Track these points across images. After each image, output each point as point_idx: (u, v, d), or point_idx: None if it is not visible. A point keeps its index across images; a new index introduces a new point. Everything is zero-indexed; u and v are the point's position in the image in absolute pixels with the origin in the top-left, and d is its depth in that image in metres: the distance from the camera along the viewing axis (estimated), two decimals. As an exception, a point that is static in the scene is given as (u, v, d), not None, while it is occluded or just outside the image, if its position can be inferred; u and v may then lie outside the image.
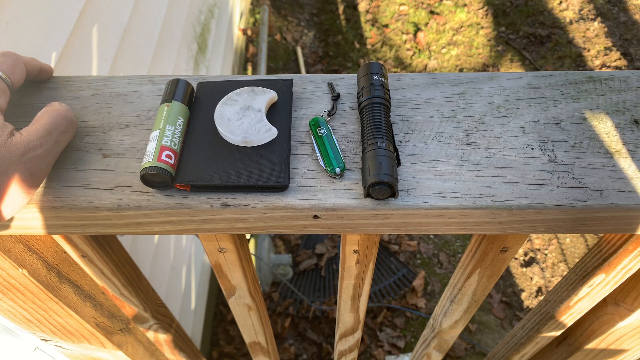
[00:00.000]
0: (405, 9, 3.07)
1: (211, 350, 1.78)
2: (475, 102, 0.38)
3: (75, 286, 0.51)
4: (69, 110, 0.36)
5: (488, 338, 1.78)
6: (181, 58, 1.52)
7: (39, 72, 0.40)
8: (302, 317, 1.85)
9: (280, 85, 0.39)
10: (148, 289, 0.59)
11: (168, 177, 0.34)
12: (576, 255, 1.99)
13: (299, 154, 0.36)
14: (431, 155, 0.36)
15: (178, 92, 0.37)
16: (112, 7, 0.99)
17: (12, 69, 0.36)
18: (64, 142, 0.35)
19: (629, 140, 0.35)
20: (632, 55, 2.60)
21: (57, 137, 0.34)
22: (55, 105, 0.35)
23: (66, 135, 0.35)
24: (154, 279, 1.18)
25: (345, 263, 0.48)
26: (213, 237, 0.44)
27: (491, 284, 0.51)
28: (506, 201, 0.33)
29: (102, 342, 0.59)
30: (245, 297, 0.56)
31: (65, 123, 0.35)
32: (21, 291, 0.47)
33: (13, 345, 0.62)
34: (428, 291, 1.91)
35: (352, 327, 0.62)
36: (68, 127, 0.35)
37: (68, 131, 0.35)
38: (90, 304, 0.53)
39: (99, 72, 0.91)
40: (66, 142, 0.36)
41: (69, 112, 0.36)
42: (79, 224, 0.36)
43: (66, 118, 0.35)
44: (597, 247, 0.46)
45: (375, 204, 0.34)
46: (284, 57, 2.87)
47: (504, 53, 2.73)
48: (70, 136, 0.36)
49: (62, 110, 0.35)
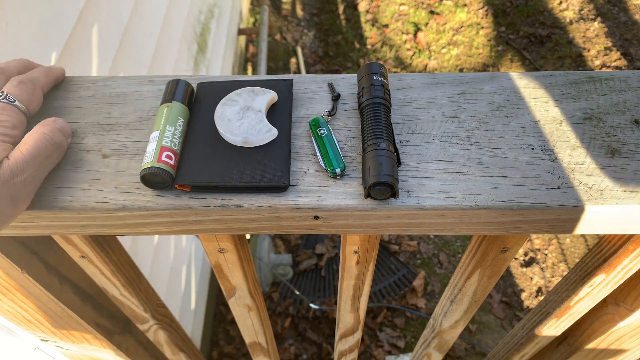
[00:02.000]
0: (405, 9, 3.07)
1: (211, 350, 1.78)
2: (476, 102, 0.38)
3: (75, 287, 0.51)
4: (58, 131, 0.35)
5: (488, 338, 1.78)
6: (181, 58, 1.52)
7: (54, 83, 0.40)
8: (302, 317, 1.85)
9: (280, 85, 0.39)
10: (148, 289, 0.59)
11: (168, 177, 0.34)
12: (576, 255, 1.99)
13: (299, 154, 0.36)
14: (431, 155, 0.36)
15: (178, 92, 0.37)
16: (112, 7, 0.99)
17: (30, 98, 0.35)
18: (50, 166, 0.34)
19: (629, 140, 0.35)
20: (632, 55, 2.60)
21: (40, 162, 0.33)
22: (45, 127, 0.34)
23: (51, 160, 0.34)
24: (154, 279, 1.18)
25: (346, 263, 0.48)
26: (213, 238, 0.44)
27: (491, 284, 0.51)
28: (507, 201, 0.33)
29: (102, 343, 0.59)
30: (245, 297, 0.56)
31: (51, 148, 0.34)
32: (21, 292, 0.47)
33: (13, 345, 0.62)
34: (428, 291, 1.91)
35: (352, 327, 0.62)
36: (53, 152, 0.34)
37: (53, 156, 0.34)
38: (90, 304, 0.53)
39: (99, 72, 0.91)
40: (51, 166, 0.35)
41: (57, 135, 0.34)
42: (79, 224, 0.36)
43: (52, 142, 0.34)
44: (597, 247, 0.46)
45: (375, 204, 0.34)
46: (284, 57, 2.87)
47: (504, 53, 2.73)
48: (55, 161, 0.35)
49: (49, 134, 0.34)
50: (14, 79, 0.36)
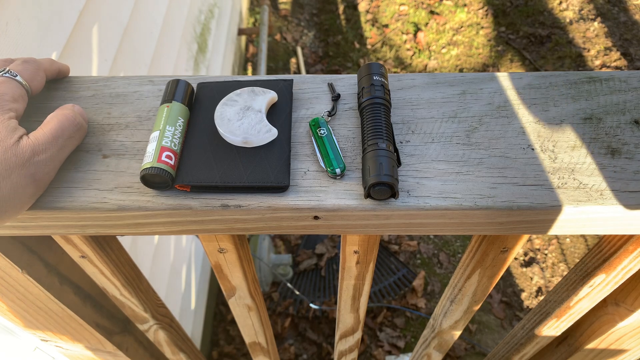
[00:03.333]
0: (405, 9, 3.07)
1: (211, 350, 1.78)
2: (476, 102, 0.38)
3: (75, 287, 0.51)
4: (78, 114, 0.36)
5: (488, 338, 1.78)
6: (181, 58, 1.52)
7: (57, 74, 0.40)
8: (302, 317, 1.85)
9: (280, 85, 0.39)
10: (148, 290, 0.59)
11: (168, 177, 0.34)
12: (576, 255, 1.99)
13: (299, 154, 0.36)
14: (431, 155, 0.36)
15: (178, 92, 0.37)
16: (112, 7, 0.98)
17: (32, 76, 0.36)
18: (70, 147, 0.35)
19: (629, 140, 0.35)
20: (632, 55, 2.60)
21: (62, 143, 0.34)
22: (66, 109, 0.35)
23: (73, 141, 0.35)
24: (154, 279, 1.18)
25: (346, 263, 0.48)
26: (213, 238, 0.44)
27: (491, 284, 0.51)
28: (507, 202, 0.33)
29: (102, 343, 0.58)
30: (245, 297, 0.56)
31: (73, 128, 0.35)
32: (21, 292, 0.47)
33: (13, 345, 0.62)
34: (428, 291, 1.91)
35: (352, 327, 0.62)
36: (75, 133, 0.35)
37: (75, 137, 0.35)
38: (90, 304, 0.53)
39: (99, 72, 0.91)
40: (73, 147, 0.36)
41: (78, 117, 0.36)
42: (79, 224, 0.36)
43: (74, 123, 0.35)
44: (597, 247, 0.46)
45: (375, 204, 0.34)
46: (284, 57, 2.87)
47: (504, 53, 2.73)
48: (77, 142, 0.36)
49: (71, 115, 0.35)
50: (19, 59, 0.37)
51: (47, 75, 0.39)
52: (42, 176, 0.33)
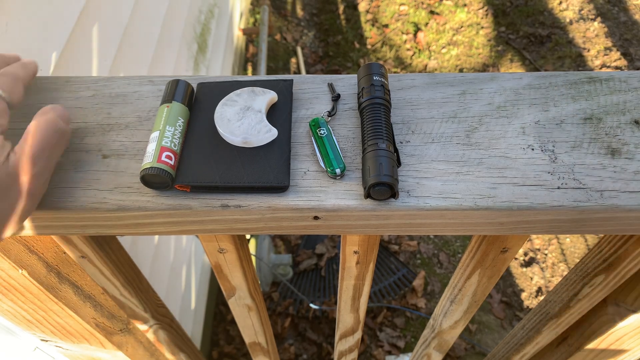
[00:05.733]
0: (405, 9, 3.07)
1: (211, 350, 1.78)
2: (476, 102, 0.38)
3: (75, 287, 0.51)
4: (59, 118, 0.34)
5: (488, 338, 1.78)
6: (181, 58, 1.52)
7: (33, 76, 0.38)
8: (302, 317, 1.85)
9: (280, 85, 0.39)
10: (148, 289, 0.59)
11: (168, 178, 0.34)
12: (576, 255, 1.99)
13: (299, 154, 0.36)
14: (431, 155, 0.36)
15: (178, 92, 0.37)
16: (112, 7, 0.98)
17: (11, 87, 0.34)
18: (57, 155, 0.34)
19: (629, 140, 0.35)
20: (632, 55, 2.60)
21: (49, 153, 0.33)
22: (46, 115, 0.33)
23: (58, 148, 0.34)
24: (154, 279, 1.18)
25: (346, 264, 0.48)
26: (213, 238, 0.44)
27: (491, 285, 0.51)
28: (507, 202, 0.33)
29: (102, 343, 0.58)
30: (245, 297, 0.56)
31: (57, 136, 0.33)
32: (21, 292, 0.47)
33: (13, 345, 0.62)
34: (428, 291, 1.91)
35: (352, 327, 0.62)
36: (60, 140, 0.34)
37: (60, 143, 0.34)
38: (90, 304, 0.53)
39: (99, 72, 0.91)
40: (59, 154, 0.34)
41: (59, 122, 0.34)
42: (79, 224, 0.36)
43: (56, 130, 0.33)
44: (597, 247, 0.46)
45: (375, 204, 0.34)
46: (284, 57, 2.87)
47: (504, 53, 2.73)
48: (62, 148, 0.35)
49: (52, 120, 0.33)
50: None
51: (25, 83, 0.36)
52: (37, 190, 0.32)
